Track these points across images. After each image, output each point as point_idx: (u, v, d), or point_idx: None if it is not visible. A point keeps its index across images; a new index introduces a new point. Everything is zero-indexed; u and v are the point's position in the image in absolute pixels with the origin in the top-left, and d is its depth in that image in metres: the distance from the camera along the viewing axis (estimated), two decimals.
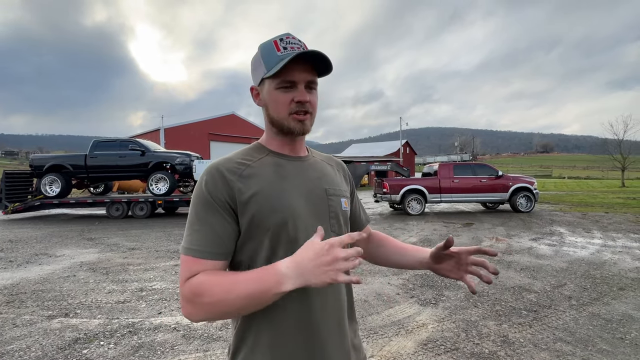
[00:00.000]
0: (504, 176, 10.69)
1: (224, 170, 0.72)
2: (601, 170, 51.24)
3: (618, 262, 4.80)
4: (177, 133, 23.82)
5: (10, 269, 4.78)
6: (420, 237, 6.88)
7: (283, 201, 0.72)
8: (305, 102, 0.73)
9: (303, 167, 0.80)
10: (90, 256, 5.54)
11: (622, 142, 30.96)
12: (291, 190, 0.74)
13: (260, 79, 0.76)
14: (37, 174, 10.70)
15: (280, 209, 0.71)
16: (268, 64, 0.73)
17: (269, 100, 0.76)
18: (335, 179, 0.85)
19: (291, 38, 0.74)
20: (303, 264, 0.60)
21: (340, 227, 0.80)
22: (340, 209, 0.81)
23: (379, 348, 2.51)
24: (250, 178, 0.72)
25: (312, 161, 0.84)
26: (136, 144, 10.52)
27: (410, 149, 49.64)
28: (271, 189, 0.72)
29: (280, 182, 0.74)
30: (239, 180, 0.71)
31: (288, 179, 0.76)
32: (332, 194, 0.80)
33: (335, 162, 0.92)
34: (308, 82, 0.74)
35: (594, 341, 2.56)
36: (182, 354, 2.45)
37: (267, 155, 0.78)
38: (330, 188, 0.80)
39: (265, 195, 0.71)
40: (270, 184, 0.73)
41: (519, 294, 3.60)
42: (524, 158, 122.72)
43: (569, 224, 8.21)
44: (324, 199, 0.78)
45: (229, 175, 0.71)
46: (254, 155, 0.78)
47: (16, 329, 2.87)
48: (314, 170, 0.81)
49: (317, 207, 0.76)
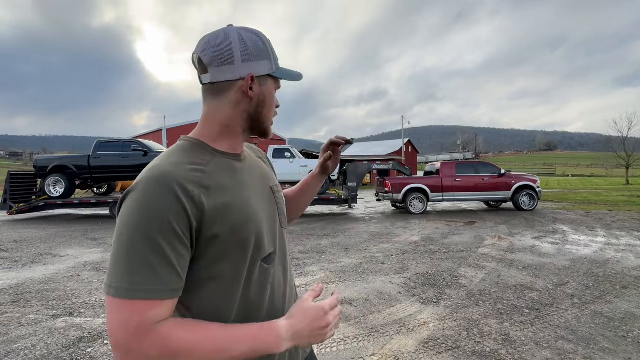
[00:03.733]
0: (506, 174, 10.65)
1: (184, 181, 0.57)
2: (605, 168, 50.86)
3: (621, 260, 4.78)
4: (180, 133, 23.90)
5: (15, 269, 4.83)
6: (422, 236, 6.88)
7: (250, 209, 0.65)
8: None
9: (247, 167, 0.73)
10: (94, 256, 5.59)
11: (627, 139, 30.72)
12: (252, 196, 0.68)
13: (265, 73, 0.69)
14: (41, 174, 10.77)
15: (251, 218, 0.65)
16: (276, 62, 0.71)
17: (266, 98, 0.70)
18: (271, 173, 0.84)
19: None
20: (300, 329, 0.62)
21: (285, 221, 0.80)
22: (283, 202, 0.80)
23: (381, 346, 2.52)
24: (212, 187, 0.61)
25: (248, 159, 0.76)
26: (139, 145, 10.57)
27: (413, 147, 49.50)
28: (239, 198, 0.64)
29: (241, 188, 0.67)
30: (203, 192, 0.58)
31: (246, 184, 0.69)
32: (277, 191, 0.79)
33: (259, 152, 0.88)
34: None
35: (596, 339, 2.55)
36: None
37: (215, 157, 0.66)
38: (273, 185, 0.78)
39: (236, 205, 0.63)
40: (236, 193, 0.65)
41: (521, 292, 3.59)
42: (527, 156, 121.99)
43: (572, 222, 8.17)
44: (272, 199, 0.75)
45: (191, 187, 0.57)
46: (200, 157, 0.64)
47: (21, 328, 2.91)
48: (256, 169, 0.76)
49: (270, 208, 0.73)
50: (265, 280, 0.68)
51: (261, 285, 0.68)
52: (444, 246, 5.90)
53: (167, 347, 0.52)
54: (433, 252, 5.50)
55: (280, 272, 0.74)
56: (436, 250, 5.58)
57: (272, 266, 0.71)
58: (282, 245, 0.76)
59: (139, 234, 0.53)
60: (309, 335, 0.63)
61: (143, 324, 0.51)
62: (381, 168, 11.83)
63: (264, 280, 0.68)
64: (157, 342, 0.51)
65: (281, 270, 0.75)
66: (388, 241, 6.45)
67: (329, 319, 0.64)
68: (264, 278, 0.68)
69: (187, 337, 0.53)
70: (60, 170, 10.56)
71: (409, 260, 5.02)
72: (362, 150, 49.82)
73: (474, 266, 4.62)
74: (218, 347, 0.54)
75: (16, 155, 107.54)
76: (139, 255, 0.52)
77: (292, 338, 0.61)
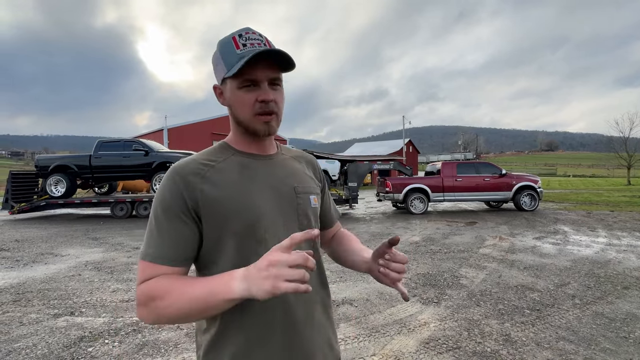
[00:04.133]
0: (507, 174, 10.64)
1: (186, 172, 0.69)
2: (607, 168, 50.74)
3: (623, 260, 4.77)
4: (181, 133, 23.94)
5: (16, 268, 4.84)
6: (423, 236, 6.87)
7: (249, 202, 0.70)
8: (269, 101, 0.71)
9: (270, 165, 0.78)
10: (95, 255, 5.60)
11: (628, 139, 30.65)
12: (257, 190, 0.72)
13: (222, 78, 0.73)
14: (42, 174, 10.81)
15: (247, 210, 0.69)
16: (228, 62, 0.70)
17: (232, 101, 0.73)
18: (305, 176, 0.84)
19: (250, 33, 0.71)
20: (252, 271, 0.57)
21: (310, 225, 0.78)
22: (310, 206, 0.79)
23: (381, 347, 2.52)
24: (214, 180, 0.70)
25: (280, 159, 0.82)
26: (140, 144, 10.59)
27: (414, 147, 49.47)
28: (237, 190, 0.70)
29: (246, 182, 0.72)
30: (202, 182, 0.69)
31: (255, 179, 0.74)
32: (301, 192, 0.78)
33: (305, 158, 0.90)
34: (271, 79, 0.71)
35: (597, 340, 2.54)
36: (185, 352, 2.47)
37: (232, 155, 0.76)
38: (298, 186, 0.79)
39: (231, 197, 0.69)
40: (236, 185, 0.71)
41: (521, 292, 3.58)
42: (528, 156, 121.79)
43: (574, 223, 8.16)
44: (292, 198, 0.76)
45: (191, 177, 0.69)
46: (218, 155, 0.75)
47: (23, 327, 2.91)
48: (282, 169, 0.80)
49: (286, 206, 0.75)
50: None
51: None
52: (445, 246, 5.89)
53: (147, 292, 0.63)
54: (434, 252, 5.50)
55: None
56: (437, 251, 5.58)
57: None
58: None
59: (153, 212, 0.69)
60: (257, 278, 0.56)
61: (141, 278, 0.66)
62: (382, 168, 11.83)
63: None
64: (143, 289, 0.64)
65: None
66: None
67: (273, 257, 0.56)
68: None
69: (160, 283, 0.63)
70: (62, 169, 10.59)
71: (409, 260, 5.00)
72: (362, 150, 49.80)
73: (474, 266, 4.61)
74: (181, 291, 0.61)
75: (18, 155, 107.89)
76: (150, 228, 0.68)
77: (243, 277, 0.58)
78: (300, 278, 0.54)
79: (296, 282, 0.54)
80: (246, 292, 0.57)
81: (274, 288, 0.54)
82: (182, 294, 0.61)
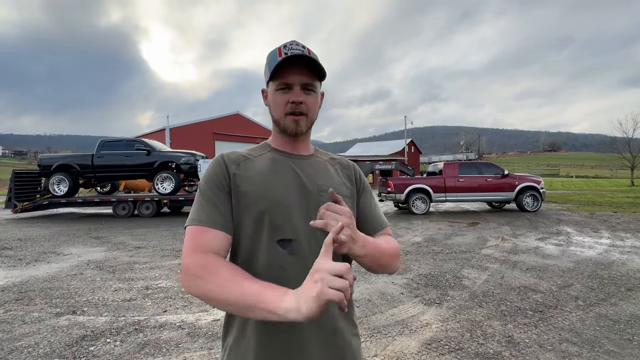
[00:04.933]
0: (510, 175, 10.60)
1: (226, 159, 0.81)
2: (610, 169, 50.50)
3: (627, 262, 4.74)
4: (183, 133, 23.98)
5: (19, 267, 4.86)
6: (424, 237, 6.85)
7: (269, 190, 0.77)
8: (299, 103, 0.78)
9: (301, 164, 0.85)
10: (97, 255, 5.62)
11: (632, 140, 30.49)
12: (279, 181, 0.79)
13: (267, 82, 0.83)
14: (45, 173, 10.86)
15: (265, 197, 0.76)
16: (270, 68, 0.78)
17: (271, 101, 0.82)
18: (334, 177, 0.87)
19: (294, 44, 0.78)
20: (302, 286, 0.59)
21: None
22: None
23: (383, 347, 2.51)
24: (246, 168, 0.80)
25: (313, 160, 0.88)
26: (142, 144, 10.61)
27: (415, 147, 49.38)
28: (261, 179, 0.79)
29: (271, 174, 0.80)
30: (237, 168, 0.80)
31: (280, 172, 0.81)
32: (325, 190, 0.81)
33: (340, 163, 0.94)
34: (304, 84, 0.78)
35: (600, 342, 2.53)
36: (187, 352, 2.47)
37: (268, 152, 0.86)
38: (323, 185, 0.82)
39: (254, 183, 0.78)
40: (261, 175, 0.80)
41: (524, 294, 3.56)
42: (530, 157, 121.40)
43: (577, 224, 8.11)
44: (315, 194, 0.80)
45: (229, 163, 0.80)
46: (257, 151, 0.87)
47: (25, 325, 2.92)
48: (312, 168, 0.85)
49: (307, 201, 0.79)
50: (274, 262, 0.74)
51: (269, 266, 0.74)
52: (447, 247, 5.88)
53: (205, 264, 0.67)
54: (436, 252, 5.48)
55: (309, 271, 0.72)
56: (439, 251, 5.56)
57: (291, 253, 0.74)
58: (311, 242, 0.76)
59: (200, 189, 0.79)
60: (305, 285, 0.58)
61: (193, 244, 0.71)
62: (384, 168, 11.82)
63: (273, 261, 0.74)
64: (200, 260, 0.68)
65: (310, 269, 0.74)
66: None
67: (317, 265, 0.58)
68: (275, 259, 0.74)
69: (219, 262, 0.68)
70: (64, 169, 10.64)
71: (411, 261, 5.00)
72: (364, 150, 49.76)
73: (477, 267, 4.59)
74: (234, 279, 0.65)
75: (21, 154, 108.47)
76: (198, 200, 0.77)
77: (294, 293, 0.59)
78: (344, 288, 0.55)
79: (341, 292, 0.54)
80: (295, 309, 0.57)
81: (320, 293, 0.55)
82: (234, 285, 0.64)
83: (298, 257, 0.74)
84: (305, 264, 0.72)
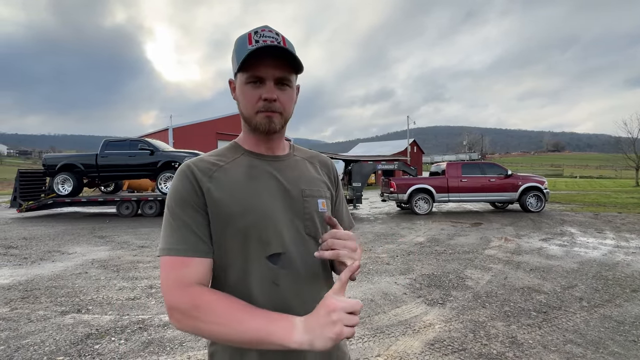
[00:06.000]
0: (513, 175, 10.55)
1: (195, 170, 0.70)
2: (614, 170, 50.10)
3: (631, 263, 4.70)
4: (185, 132, 24.07)
5: (24, 266, 4.90)
6: (427, 237, 6.84)
7: (252, 203, 0.70)
8: (273, 100, 0.69)
9: (279, 167, 0.77)
10: (101, 254, 5.65)
11: (637, 140, 30.24)
12: (262, 191, 0.72)
13: (234, 73, 0.73)
14: (49, 173, 10.94)
15: (249, 210, 0.69)
16: (239, 57, 0.68)
17: (239, 95, 0.73)
18: (315, 179, 0.81)
19: (267, 31, 0.69)
20: (312, 321, 0.58)
21: (317, 229, 0.75)
22: (316, 210, 0.76)
23: (386, 347, 2.51)
24: (220, 179, 0.71)
25: (291, 160, 0.80)
26: (145, 144, 10.66)
27: (418, 147, 49.25)
28: (241, 192, 0.70)
29: (251, 183, 0.72)
30: (209, 181, 0.70)
31: (260, 180, 0.73)
32: (309, 195, 0.76)
33: (320, 160, 0.87)
34: (278, 78, 0.69)
35: (605, 343, 2.51)
36: (190, 351, 2.48)
37: (241, 155, 0.76)
38: (307, 189, 0.76)
39: (234, 197, 0.69)
40: (240, 186, 0.71)
41: (528, 294, 3.55)
42: (534, 157, 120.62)
43: (581, 224, 8.06)
44: (299, 201, 0.74)
45: (200, 176, 0.70)
46: (228, 155, 0.76)
47: (31, 324, 2.95)
48: (292, 170, 0.78)
49: (292, 209, 0.73)
50: (266, 279, 0.68)
51: (262, 285, 0.68)
52: (450, 247, 5.86)
53: (198, 303, 0.61)
54: (438, 253, 5.47)
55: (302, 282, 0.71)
56: (442, 251, 5.54)
57: (283, 268, 0.70)
58: (301, 251, 0.72)
59: (168, 208, 0.69)
60: (318, 324, 0.57)
61: (176, 278, 0.63)
62: (386, 168, 11.79)
63: (266, 278, 0.68)
64: (191, 298, 0.61)
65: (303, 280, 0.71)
66: (393, 242, 6.43)
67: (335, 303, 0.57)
68: (267, 277, 0.68)
69: (214, 298, 0.62)
70: (69, 168, 10.71)
71: (414, 261, 4.99)
72: (367, 150, 49.71)
73: (480, 268, 4.58)
74: (234, 315, 0.60)
75: (26, 154, 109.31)
76: (169, 224, 0.68)
77: (304, 329, 0.57)
78: (357, 323, 0.57)
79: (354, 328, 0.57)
80: (307, 343, 0.56)
81: (338, 335, 0.55)
82: (235, 323, 0.59)
83: (290, 270, 0.70)
84: (297, 275, 0.71)
